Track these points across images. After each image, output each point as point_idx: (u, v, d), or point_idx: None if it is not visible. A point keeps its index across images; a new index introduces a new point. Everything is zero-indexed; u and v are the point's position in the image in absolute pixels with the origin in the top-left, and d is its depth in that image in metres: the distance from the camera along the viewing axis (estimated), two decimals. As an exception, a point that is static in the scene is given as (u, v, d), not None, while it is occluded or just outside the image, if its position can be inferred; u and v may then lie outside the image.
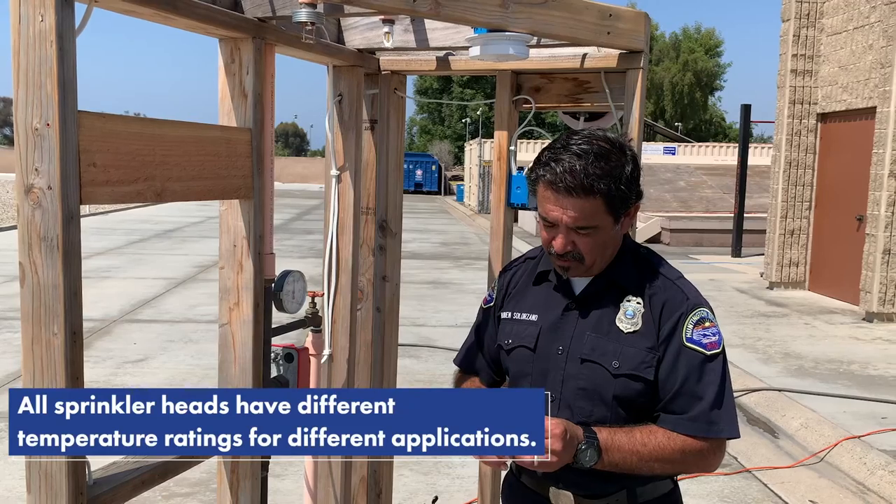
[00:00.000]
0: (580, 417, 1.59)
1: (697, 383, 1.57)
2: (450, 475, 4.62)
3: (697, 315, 1.60)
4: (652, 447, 1.55)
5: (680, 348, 1.58)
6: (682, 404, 1.58)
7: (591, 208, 1.55)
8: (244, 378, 1.98)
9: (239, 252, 1.97)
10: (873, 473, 4.57)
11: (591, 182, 1.52)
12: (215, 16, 1.78)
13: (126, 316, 8.82)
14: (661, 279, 1.65)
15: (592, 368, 1.61)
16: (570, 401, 1.62)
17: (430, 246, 16.62)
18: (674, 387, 1.58)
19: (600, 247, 1.61)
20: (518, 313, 1.74)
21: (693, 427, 1.57)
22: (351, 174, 2.39)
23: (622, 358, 1.60)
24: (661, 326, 1.60)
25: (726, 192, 15.99)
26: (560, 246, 1.59)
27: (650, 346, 1.60)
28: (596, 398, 1.61)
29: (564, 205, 1.54)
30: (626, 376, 1.59)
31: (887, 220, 9.05)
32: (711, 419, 1.57)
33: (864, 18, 10.00)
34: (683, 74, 49.40)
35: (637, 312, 1.62)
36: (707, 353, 1.59)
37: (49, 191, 1.38)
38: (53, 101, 1.36)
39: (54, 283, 1.40)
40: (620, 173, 1.56)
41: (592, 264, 1.63)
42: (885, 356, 7.35)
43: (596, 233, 1.58)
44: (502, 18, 1.87)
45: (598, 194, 1.53)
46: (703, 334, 1.59)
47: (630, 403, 1.60)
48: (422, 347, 7.57)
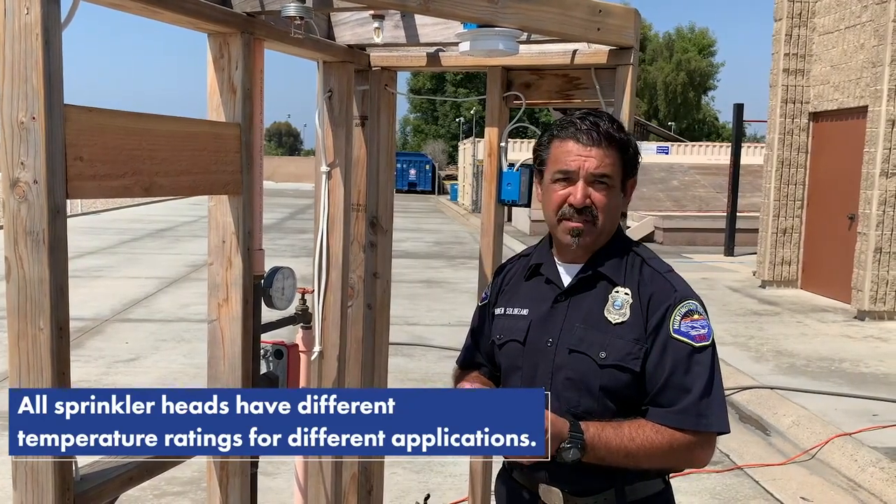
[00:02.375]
0: (567, 408, 1.59)
1: (685, 375, 1.56)
2: (442, 473, 4.62)
3: (686, 307, 1.60)
4: (640, 441, 1.54)
5: (667, 340, 1.58)
6: (670, 397, 1.57)
7: (611, 159, 1.62)
8: (233, 374, 1.97)
9: (228, 248, 1.96)
10: (864, 470, 4.59)
11: (612, 133, 1.62)
12: (203, 10, 1.77)
13: (118, 315, 8.79)
14: (650, 271, 1.65)
15: (580, 359, 1.61)
16: (558, 391, 1.62)
17: (424, 245, 16.61)
18: (661, 379, 1.57)
19: (610, 210, 1.65)
20: (510, 308, 1.75)
21: (681, 420, 1.55)
22: (341, 170, 2.38)
23: (609, 349, 1.59)
24: (649, 318, 1.60)
25: (719, 191, 16.04)
26: (580, 196, 1.61)
27: (637, 337, 1.59)
28: (583, 389, 1.61)
29: (587, 153, 1.61)
30: (613, 367, 1.59)
31: (879, 218, 9.09)
32: (700, 411, 1.55)
33: (855, 18, 10.04)
34: (677, 74, 49.51)
35: (625, 303, 1.62)
36: (695, 344, 1.57)
37: (35, 185, 1.37)
38: (39, 94, 1.36)
39: (40, 277, 1.39)
40: (630, 138, 1.67)
41: (601, 231, 1.65)
42: (877, 354, 7.39)
43: (610, 190, 1.63)
44: (492, 14, 1.87)
45: (618, 146, 1.63)
46: (691, 326, 1.58)
47: (617, 395, 1.60)
48: (415, 346, 7.56)
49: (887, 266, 9.12)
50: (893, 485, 4.36)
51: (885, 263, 9.12)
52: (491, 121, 2.51)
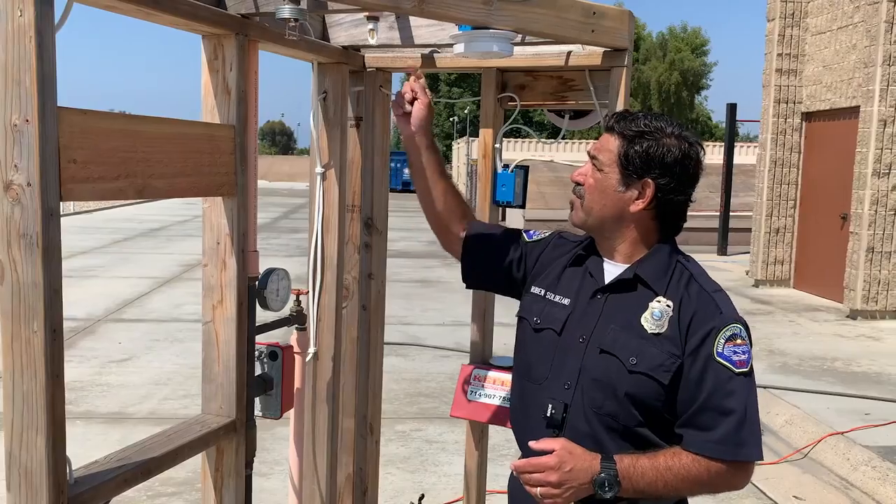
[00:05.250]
0: (591, 408, 1.59)
1: (724, 398, 1.54)
2: (436, 473, 4.63)
3: (730, 331, 1.57)
4: (677, 471, 1.53)
5: (707, 361, 1.55)
6: (707, 420, 1.54)
7: (609, 146, 1.66)
8: (228, 376, 1.97)
9: (222, 249, 1.96)
10: (856, 469, 4.61)
11: (622, 125, 1.64)
12: (198, 12, 1.77)
13: (111, 315, 8.76)
14: (698, 289, 1.63)
15: (609, 361, 1.60)
16: (584, 389, 1.61)
17: (419, 244, 16.60)
18: (699, 400, 1.55)
19: (598, 193, 1.66)
20: (552, 294, 1.75)
21: (721, 451, 1.53)
22: (336, 172, 2.38)
23: (641, 356, 1.57)
24: (689, 336, 1.57)
25: (712, 190, 16.05)
26: (577, 172, 1.70)
27: (671, 351, 1.57)
28: (608, 391, 1.59)
29: (602, 137, 1.69)
30: (642, 374, 1.56)
31: (871, 218, 9.14)
32: (739, 441, 1.54)
33: (847, 18, 10.08)
34: (670, 74, 49.60)
35: (665, 315, 1.59)
36: (735, 370, 1.55)
37: (28, 187, 1.37)
38: (32, 96, 1.35)
39: (34, 280, 1.38)
40: (655, 146, 1.62)
41: (588, 213, 1.68)
42: (869, 353, 7.42)
43: (601, 174, 1.65)
44: (486, 16, 1.87)
45: (623, 137, 1.63)
46: (733, 350, 1.56)
47: (642, 404, 1.57)
48: (410, 346, 7.56)
49: (879, 265, 9.17)
50: (885, 483, 4.39)
51: (878, 263, 9.17)
52: (485, 122, 2.51)
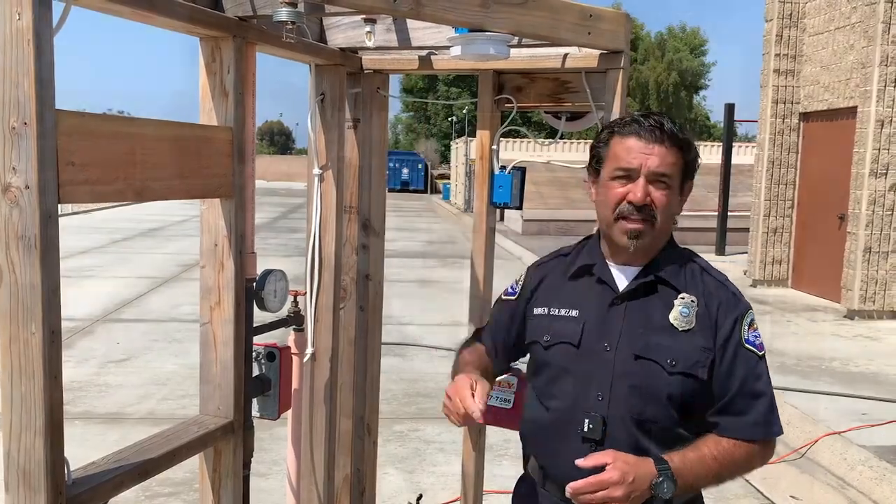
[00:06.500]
0: (630, 415, 1.59)
1: (755, 382, 1.61)
2: (434, 473, 4.63)
3: (750, 317, 1.64)
4: (721, 459, 1.57)
5: (737, 349, 1.60)
6: (742, 405, 1.60)
7: (672, 158, 1.60)
8: (226, 377, 1.98)
9: (220, 251, 1.97)
10: (853, 469, 4.62)
11: (675, 132, 1.60)
12: (195, 15, 1.77)
13: (109, 315, 8.76)
14: (713, 280, 1.66)
15: (647, 366, 1.59)
16: (621, 398, 1.60)
17: (417, 244, 16.60)
18: (734, 387, 1.60)
19: (668, 211, 1.62)
20: (556, 309, 1.70)
21: (756, 432, 1.61)
22: (334, 173, 2.39)
23: (678, 356, 1.58)
24: (719, 328, 1.60)
25: (710, 190, 16.07)
26: (641, 194, 1.57)
27: (704, 345, 1.59)
28: (648, 396, 1.59)
29: (649, 150, 1.58)
30: (682, 374, 1.58)
31: (868, 218, 9.15)
32: (769, 420, 1.62)
33: (845, 19, 10.10)
34: (668, 74, 49.58)
35: (692, 310, 1.61)
36: (759, 353, 1.62)
37: (27, 190, 1.37)
38: (31, 99, 1.36)
39: (32, 282, 1.39)
40: (691, 141, 1.64)
41: (659, 233, 1.62)
42: (866, 353, 7.43)
43: (669, 191, 1.61)
44: (483, 18, 1.88)
45: (681, 147, 1.61)
46: (755, 335, 1.63)
47: (682, 403, 1.60)
48: (408, 346, 7.57)
49: (877, 265, 9.18)
50: (882, 483, 4.40)
51: (875, 263, 9.18)
52: (483, 124, 2.52)
